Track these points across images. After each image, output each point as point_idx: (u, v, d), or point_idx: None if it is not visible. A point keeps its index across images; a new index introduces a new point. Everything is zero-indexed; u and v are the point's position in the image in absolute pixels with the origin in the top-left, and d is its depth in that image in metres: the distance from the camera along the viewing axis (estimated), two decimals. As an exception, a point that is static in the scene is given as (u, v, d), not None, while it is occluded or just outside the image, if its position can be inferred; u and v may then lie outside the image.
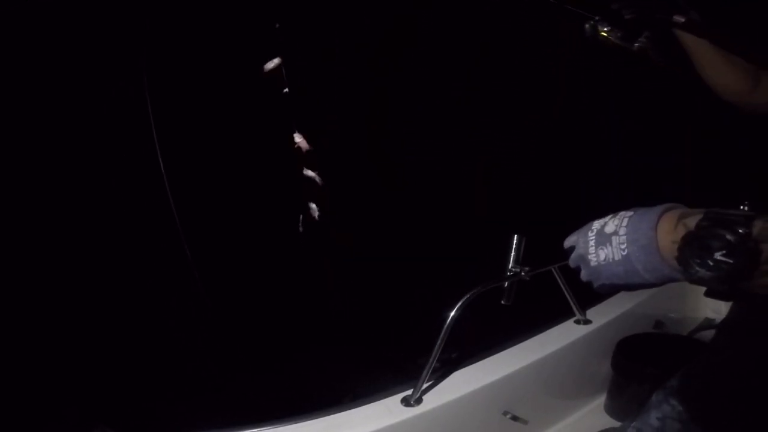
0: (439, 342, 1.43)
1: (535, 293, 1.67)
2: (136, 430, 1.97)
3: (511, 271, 1.60)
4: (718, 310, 2.72)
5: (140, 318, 2.36)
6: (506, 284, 1.59)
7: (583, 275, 0.69)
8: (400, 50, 3.10)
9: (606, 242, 0.62)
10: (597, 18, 1.12)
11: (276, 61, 1.56)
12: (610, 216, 0.65)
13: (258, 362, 2.38)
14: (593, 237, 0.64)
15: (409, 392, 1.45)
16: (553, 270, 1.84)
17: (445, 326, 1.43)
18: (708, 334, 2.38)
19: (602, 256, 0.62)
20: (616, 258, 0.61)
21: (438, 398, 1.46)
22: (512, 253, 1.59)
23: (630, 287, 0.63)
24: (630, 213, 0.62)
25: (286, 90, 1.56)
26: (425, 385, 1.46)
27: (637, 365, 1.85)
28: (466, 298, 1.47)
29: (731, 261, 0.50)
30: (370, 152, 3.13)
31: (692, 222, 0.56)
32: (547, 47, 3.06)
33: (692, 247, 0.53)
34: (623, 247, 0.60)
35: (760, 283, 0.52)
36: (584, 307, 2.01)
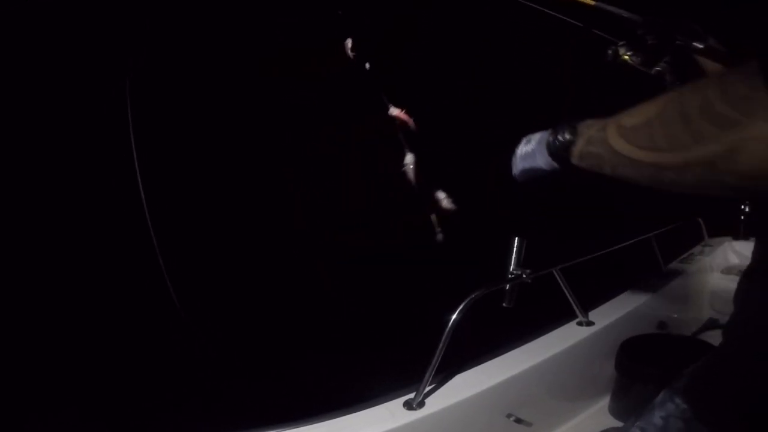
0: (441, 345, 1.42)
1: (537, 295, 1.67)
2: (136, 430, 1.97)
3: (512, 273, 1.60)
4: (721, 310, 2.72)
5: (140, 322, 2.37)
6: (508, 287, 1.58)
7: (513, 170, 1.01)
8: (402, 47, 3.10)
9: (527, 142, 0.97)
10: (621, 43, 1.19)
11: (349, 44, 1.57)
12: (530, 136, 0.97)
13: (259, 365, 2.37)
14: (524, 140, 0.98)
15: (412, 395, 1.44)
16: (554, 272, 1.84)
17: (448, 329, 1.42)
18: (711, 335, 2.37)
19: (522, 150, 0.97)
20: (528, 150, 0.95)
21: (441, 401, 1.45)
22: (513, 256, 1.59)
23: (533, 171, 0.96)
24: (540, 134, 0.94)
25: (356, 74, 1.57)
26: (428, 388, 1.46)
27: (641, 366, 1.85)
28: (468, 300, 1.47)
29: (568, 137, 0.83)
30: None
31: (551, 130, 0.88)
32: (553, 48, 3.07)
33: (551, 134, 0.87)
34: (533, 143, 0.94)
35: (579, 152, 0.81)
36: (587, 308, 2.00)
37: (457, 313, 1.44)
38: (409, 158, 1.45)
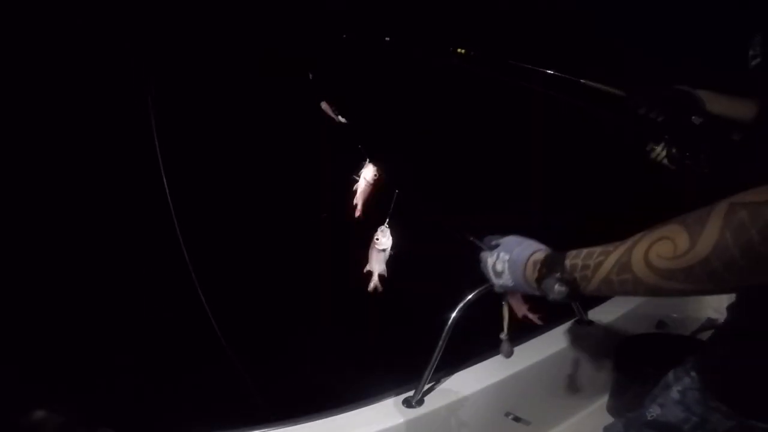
0: (440, 343, 1.42)
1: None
2: (137, 431, 1.97)
3: (512, 272, 1.59)
4: (720, 310, 2.72)
5: (141, 320, 2.36)
6: (508, 285, 1.58)
7: (486, 277, 1.06)
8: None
9: (499, 276, 0.99)
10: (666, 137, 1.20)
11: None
12: (495, 254, 1.00)
13: (260, 363, 2.38)
14: (491, 273, 1.01)
15: (411, 393, 1.45)
16: (554, 270, 1.84)
17: (447, 327, 1.42)
18: (710, 335, 2.37)
19: (500, 282, 1.00)
20: (509, 285, 0.98)
21: (440, 399, 1.45)
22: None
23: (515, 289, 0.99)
24: (506, 256, 0.97)
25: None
26: (427, 386, 1.46)
27: (639, 365, 1.85)
28: (467, 299, 1.47)
29: (564, 289, 0.83)
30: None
31: (540, 268, 0.89)
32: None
33: (543, 286, 0.86)
34: (510, 281, 0.97)
35: (587, 291, 0.82)
36: (586, 307, 2.00)
37: (456, 311, 1.44)
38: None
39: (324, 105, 1.48)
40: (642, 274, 0.72)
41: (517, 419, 1.59)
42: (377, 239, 1.32)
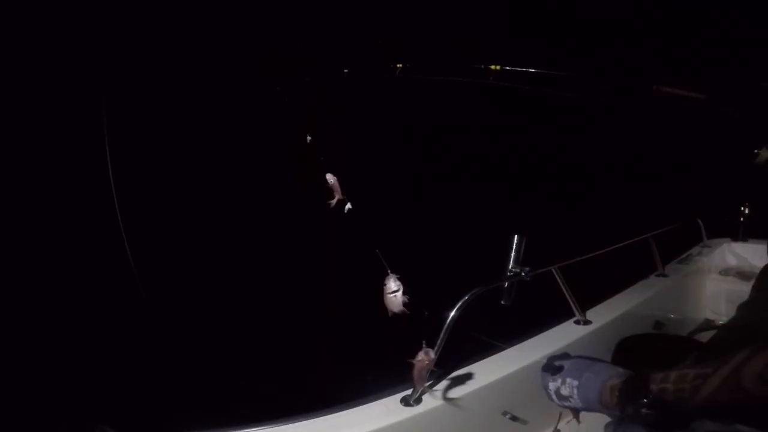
0: (439, 342, 1.42)
1: (535, 293, 1.67)
2: (136, 430, 1.97)
3: (511, 271, 1.60)
4: (717, 311, 2.72)
5: (139, 320, 2.36)
6: (506, 284, 1.59)
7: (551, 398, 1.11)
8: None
9: (565, 400, 1.04)
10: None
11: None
12: (560, 379, 1.03)
13: (258, 362, 2.38)
14: (555, 397, 1.06)
15: (409, 392, 1.45)
16: (553, 270, 1.84)
17: (446, 326, 1.43)
18: (708, 335, 2.38)
19: (566, 405, 1.06)
20: (577, 408, 1.04)
21: (438, 398, 1.45)
22: (512, 254, 1.59)
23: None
24: (575, 382, 1.01)
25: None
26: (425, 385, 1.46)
27: (637, 366, 1.85)
28: (466, 298, 1.47)
29: (654, 413, 0.86)
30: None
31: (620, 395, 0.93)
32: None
33: (630, 413, 0.90)
34: (580, 405, 1.03)
35: (684, 410, 0.85)
36: (584, 307, 2.01)
37: (455, 310, 1.45)
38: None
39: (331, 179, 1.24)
40: (760, 392, 0.76)
41: (514, 418, 1.59)
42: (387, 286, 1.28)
